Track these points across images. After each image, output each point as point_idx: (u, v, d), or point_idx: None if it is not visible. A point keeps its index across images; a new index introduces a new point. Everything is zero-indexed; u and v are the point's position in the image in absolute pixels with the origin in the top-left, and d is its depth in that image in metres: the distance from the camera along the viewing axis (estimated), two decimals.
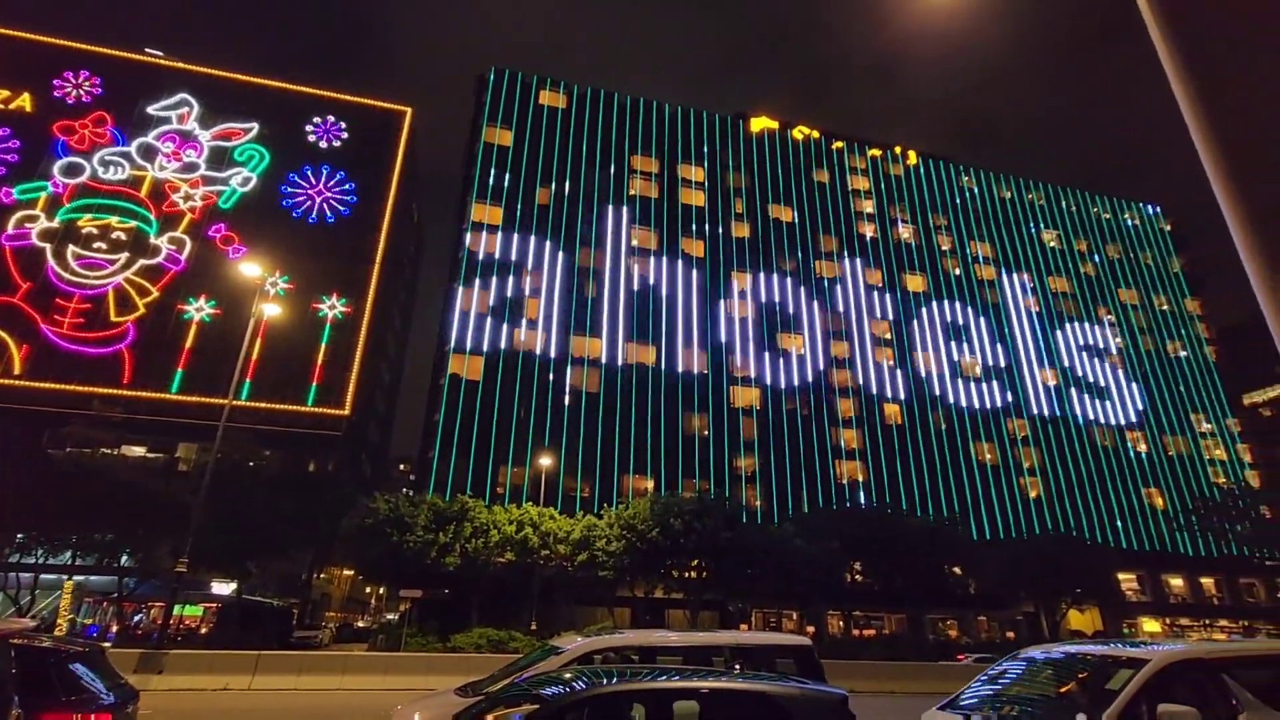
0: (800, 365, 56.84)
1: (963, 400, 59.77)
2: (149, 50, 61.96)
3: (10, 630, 6.65)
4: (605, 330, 53.16)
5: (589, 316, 53.41)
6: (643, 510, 33.94)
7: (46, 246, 50.72)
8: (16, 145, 53.71)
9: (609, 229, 57.32)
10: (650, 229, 58.82)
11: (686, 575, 34.80)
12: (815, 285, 61.13)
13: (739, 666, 9.79)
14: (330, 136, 61.18)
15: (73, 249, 51.18)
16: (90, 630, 36.16)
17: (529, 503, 36.35)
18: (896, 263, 65.10)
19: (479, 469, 45.98)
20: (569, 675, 6.45)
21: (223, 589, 40.23)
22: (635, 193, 60.18)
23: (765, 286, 59.40)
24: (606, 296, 54.52)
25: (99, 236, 52.17)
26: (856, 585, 40.27)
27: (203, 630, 38.00)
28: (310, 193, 58.12)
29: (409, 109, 64.79)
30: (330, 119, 61.91)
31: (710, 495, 42.29)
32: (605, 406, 50.36)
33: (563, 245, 55.39)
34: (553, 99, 61.99)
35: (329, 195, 58.46)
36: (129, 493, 30.99)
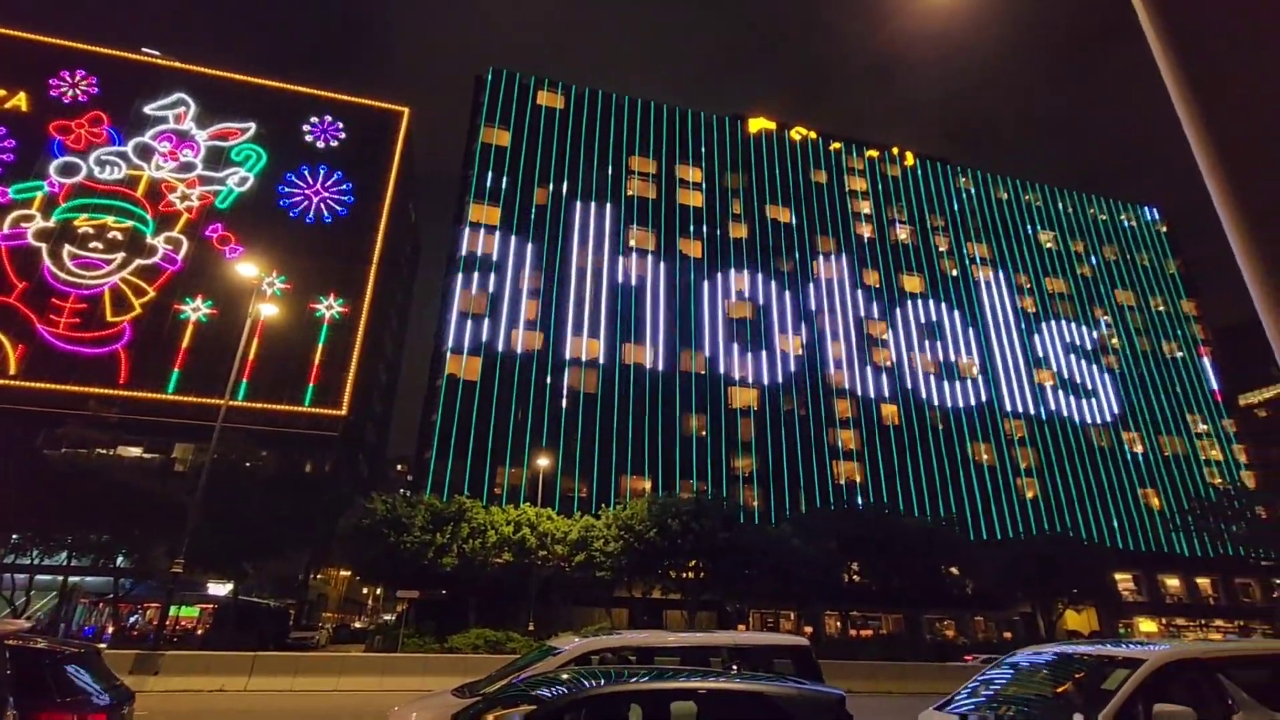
0: (798, 366, 56.90)
1: (960, 401, 59.90)
2: (146, 50, 61.83)
3: (5, 631, 6.62)
4: (603, 331, 53.16)
5: (586, 317, 53.40)
6: (640, 511, 33.94)
7: (42, 246, 50.57)
8: (12, 145, 53.54)
9: (607, 229, 57.33)
10: (648, 229, 58.85)
11: (684, 576, 34.80)
12: (813, 286, 61.21)
13: (736, 667, 9.79)
14: (328, 136, 61.09)
15: (69, 249, 51.04)
16: (86, 631, 36.06)
17: (526, 503, 36.36)
18: (894, 264, 65.21)
19: (476, 469, 45.95)
20: (566, 676, 6.45)
21: (219, 590, 40.10)
22: (633, 193, 60.20)
23: (763, 287, 59.46)
24: (604, 297, 54.52)
25: (95, 236, 52.04)
26: (854, 585, 40.30)
27: (199, 631, 37.95)
28: (307, 193, 58.02)
29: (406, 109, 64.76)
30: (328, 119, 61.83)
31: (708, 496, 42.39)
32: (603, 407, 50.37)
33: (560, 246, 55.40)
34: (551, 99, 62.00)
35: (326, 195, 58.37)
36: (125, 493, 30.86)
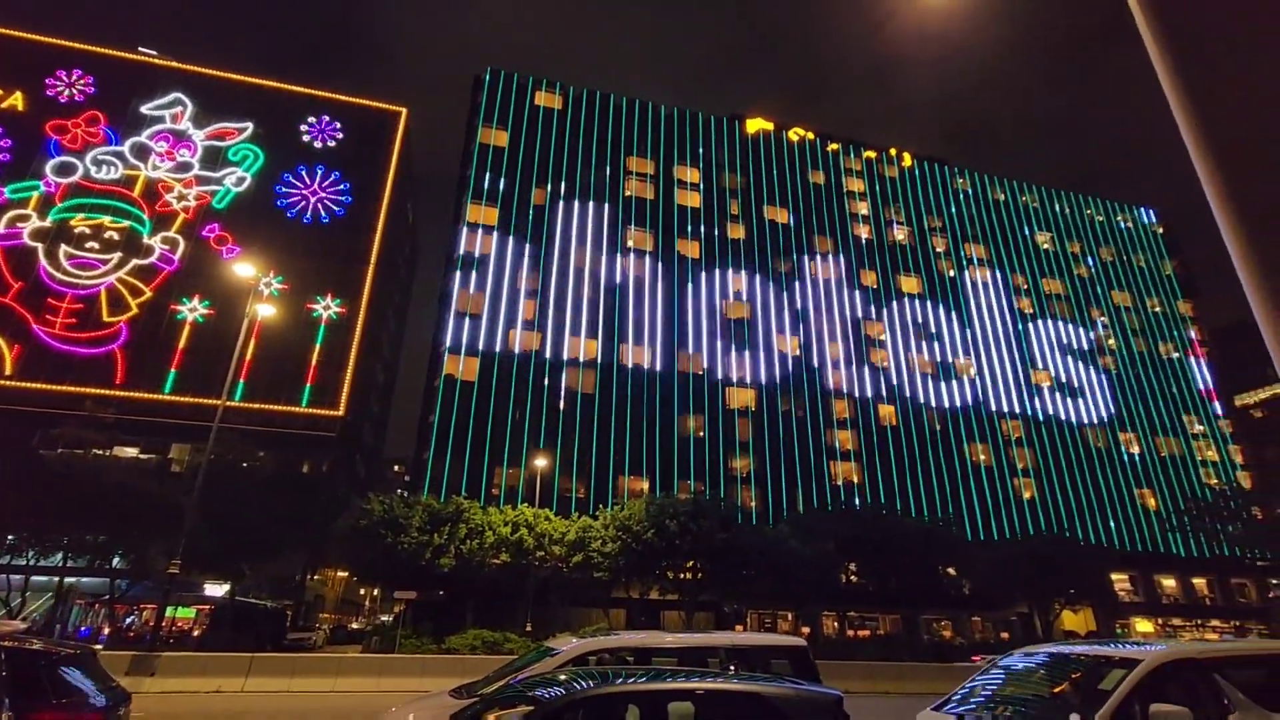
0: (795, 366, 56.95)
1: (957, 401, 59.99)
2: (142, 49, 61.67)
3: (0, 633, 6.60)
4: (600, 331, 53.15)
5: (584, 317, 53.39)
6: (638, 511, 33.92)
7: (38, 246, 50.41)
8: (8, 144, 53.36)
9: (604, 230, 57.32)
10: (645, 230, 58.86)
11: (682, 576, 34.79)
12: (810, 287, 61.28)
13: (734, 667, 9.79)
14: (325, 136, 60.99)
15: (65, 249, 50.89)
16: (82, 633, 35.94)
17: (524, 504, 36.34)
18: (891, 264, 65.30)
19: (474, 470, 45.92)
20: (564, 676, 6.44)
21: (216, 591, 40.00)
22: (631, 194, 60.21)
23: (760, 288, 59.51)
24: (602, 297, 54.52)
25: (91, 236, 51.89)
26: (851, 586, 40.34)
27: (195, 632, 37.82)
28: (305, 193, 57.91)
29: (404, 109, 64.66)
30: (325, 119, 61.72)
31: (705, 496, 42.46)
32: (600, 407, 50.37)
33: (558, 246, 55.39)
34: (548, 100, 61.99)
35: (324, 195, 58.28)
36: (121, 494, 30.78)
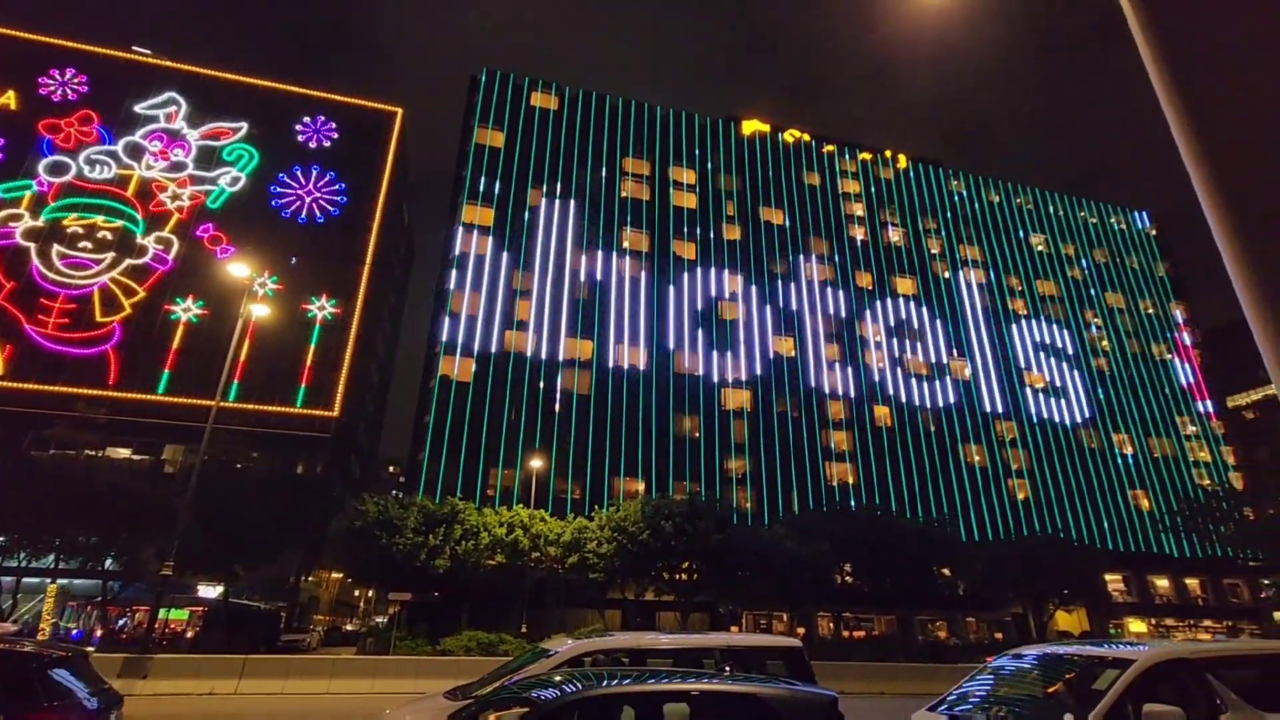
0: (790, 367, 57.03)
1: (951, 402, 60.17)
2: (137, 48, 61.44)
3: None
4: (596, 332, 53.14)
5: (580, 318, 53.37)
6: (633, 512, 33.90)
7: (31, 246, 50.13)
8: (1, 143, 53.07)
9: (600, 231, 57.31)
10: (641, 231, 58.87)
11: (677, 577, 34.79)
12: (805, 288, 61.39)
13: (729, 668, 9.80)
14: (320, 136, 60.82)
15: (58, 248, 50.60)
16: (74, 635, 35.70)
17: (519, 505, 36.27)
18: (886, 266, 65.48)
19: (469, 471, 45.82)
20: (559, 678, 6.43)
21: (209, 592, 39.82)
22: (626, 195, 60.21)
23: (755, 289, 59.58)
24: (598, 298, 54.52)
25: (84, 236, 51.62)
26: (846, 587, 40.37)
27: (188, 634, 37.67)
28: (300, 193, 57.74)
29: (399, 109, 64.54)
30: (320, 119, 61.56)
31: (701, 497, 42.45)
32: (596, 408, 50.34)
33: (554, 247, 55.36)
34: (544, 100, 61.97)
35: (319, 195, 58.11)
36: (114, 495, 30.64)
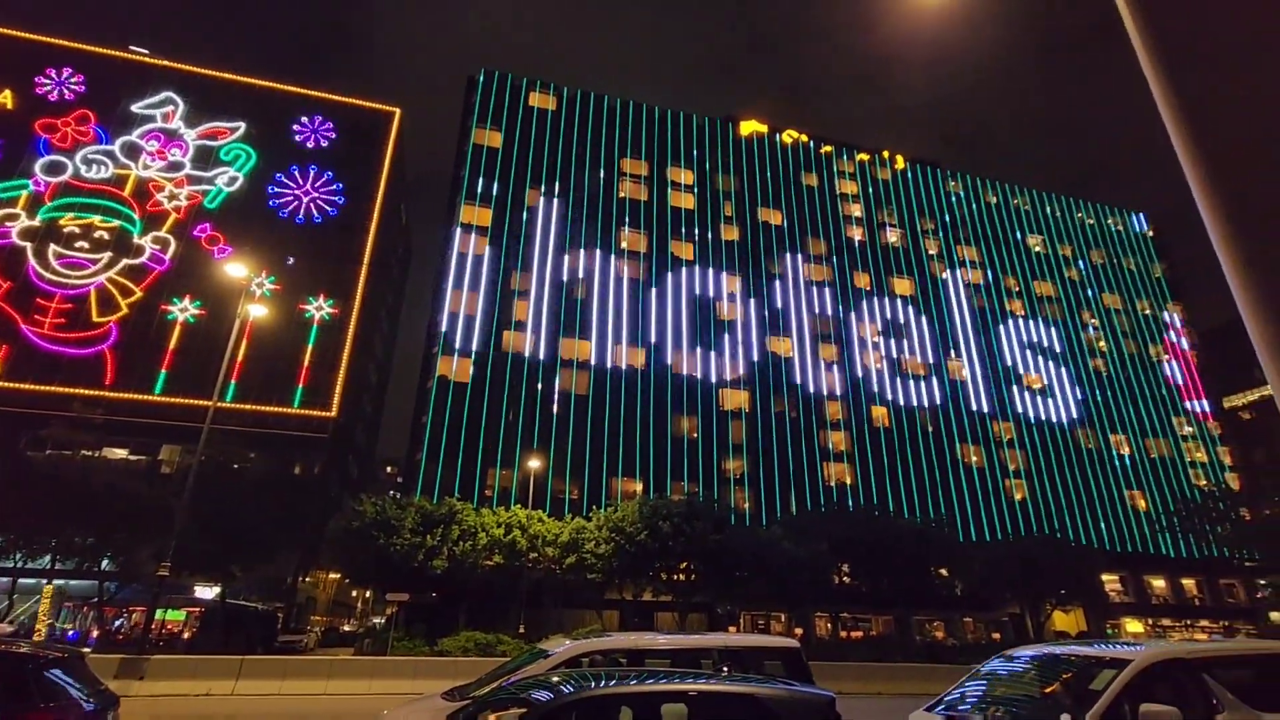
0: (788, 368, 57.08)
1: (949, 403, 60.26)
2: (134, 48, 61.28)
3: None
4: (594, 333, 53.13)
5: (578, 319, 53.36)
6: (631, 513, 33.87)
7: (27, 245, 49.98)
8: None
9: (598, 231, 57.31)
10: (639, 231, 58.88)
11: (675, 578, 34.77)
12: (803, 289, 61.43)
13: (727, 669, 9.80)
14: (318, 137, 60.73)
15: (54, 248, 50.47)
16: (70, 636, 35.60)
17: (517, 505, 36.21)
18: (884, 267, 65.56)
19: (467, 471, 45.78)
20: (557, 679, 6.43)
21: (206, 593, 39.73)
22: (624, 195, 60.22)
23: (754, 289, 59.61)
24: (596, 299, 54.51)
25: (81, 236, 51.48)
26: (844, 587, 40.38)
27: (185, 635, 37.60)
28: (297, 193, 57.64)
29: (397, 110, 64.47)
30: (318, 119, 61.46)
31: (699, 498, 42.46)
32: (594, 409, 50.33)
33: (552, 247, 55.34)
34: (542, 101, 61.96)
35: (316, 195, 58.02)
36: (110, 495, 30.58)
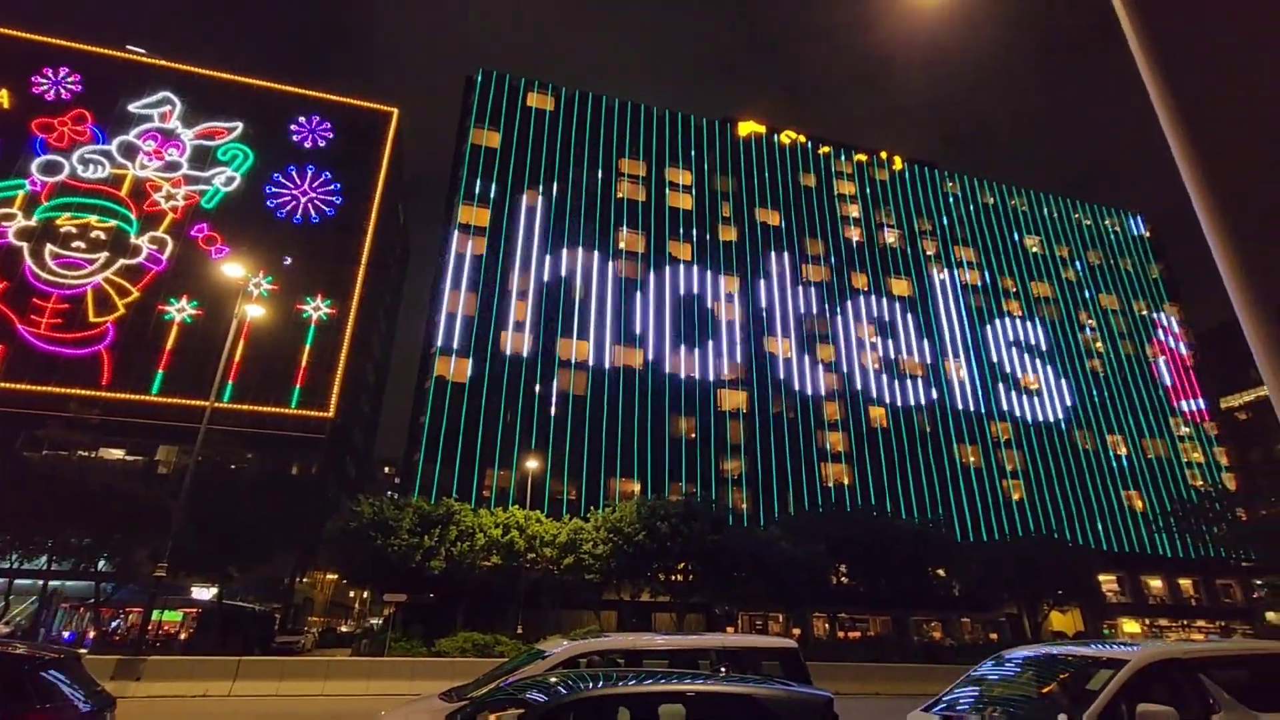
0: (786, 368, 57.11)
1: (947, 403, 60.34)
2: (131, 47, 61.11)
3: None
4: (592, 333, 53.11)
5: (576, 319, 53.33)
6: (629, 513, 33.87)
7: (24, 245, 49.82)
8: None
9: (596, 232, 57.30)
10: (637, 232, 58.88)
11: (673, 578, 34.79)
12: (801, 289, 61.48)
13: (725, 669, 9.79)
14: (316, 137, 60.62)
15: (51, 248, 50.33)
16: (68, 637, 35.51)
17: (515, 506, 36.17)
18: (882, 267, 65.64)
19: (465, 472, 45.73)
20: (554, 679, 6.42)
21: (203, 594, 39.64)
22: (623, 196, 60.22)
23: (752, 290, 59.65)
24: (594, 299, 54.49)
25: (78, 235, 51.34)
26: (842, 587, 40.43)
27: (182, 636, 37.53)
28: (295, 193, 57.54)
29: (395, 110, 64.38)
30: (316, 119, 61.35)
31: (697, 498, 42.50)
32: (592, 409, 50.30)
33: (550, 248, 55.32)
34: (541, 101, 61.94)
35: (314, 196, 57.93)
36: (107, 496, 30.52)
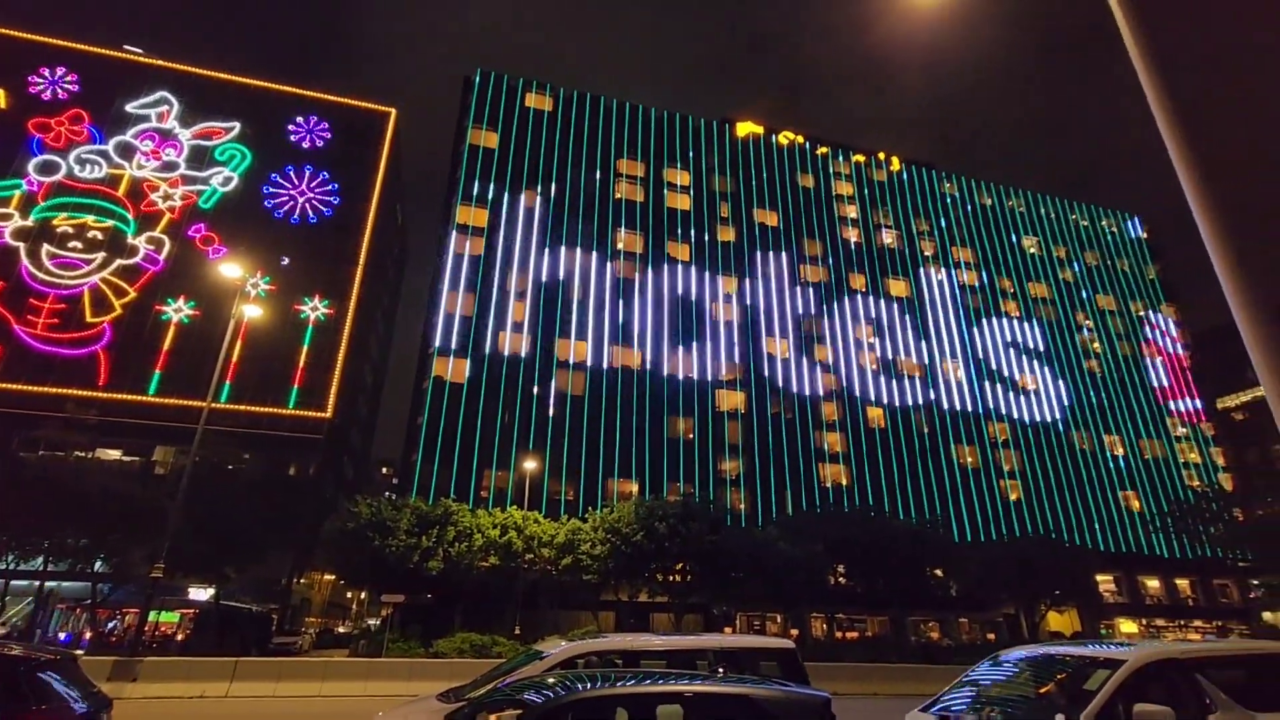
0: (785, 369, 57.14)
1: (944, 404, 60.41)
2: (128, 47, 61.00)
3: None
4: (590, 333, 53.10)
5: (574, 320, 53.31)
6: (627, 514, 33.87)
7: (20, 245, 49.70)
8: None
9: (594, 232, 57.29)
10: (635, 232, 58.89)
11: (671, 579, 34.79)
12: (799, 289, 61.52)
13: (723, 670, 9.79)
14: (314, 137, 60.56)
15: (47, 248, 50.20)
16: (64, 638, 35.40)
17: (513, 506, 36.16)
18: (879, 268, 65.71)
19: (463, 472, 45.69)
20: (552, 680, 6.42)
21: (200, 594, 39.54)
22: (621, 196, 60.22)
23: (750, 290, 59.67)
24: (592, 300, 54.48)
25: (75, 236, 51.22)
26: (840, 588, 40.47)
27: (179, 637, 37.43)
28: (293, 193, 57.47)
29: (393, 110, 64.36)
30: (313, 119, 61.30)
31: (695, 499, 42.48)
32: (590, 410, 50.29)
33: (548, 248, 55.30)
34: (539, 101, 61.93)
35: (312, 196, 57.86)
36: (103, 496, 30.43)
